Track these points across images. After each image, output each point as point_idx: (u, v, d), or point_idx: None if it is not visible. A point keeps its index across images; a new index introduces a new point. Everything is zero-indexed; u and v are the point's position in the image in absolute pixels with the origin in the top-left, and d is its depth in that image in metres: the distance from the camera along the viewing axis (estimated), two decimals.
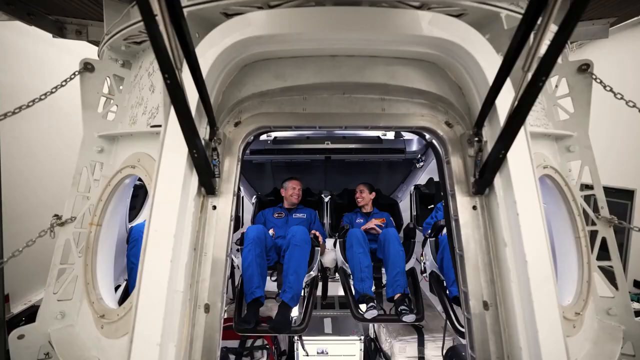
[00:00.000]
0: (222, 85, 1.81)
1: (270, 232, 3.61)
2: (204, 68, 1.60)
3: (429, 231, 3.65)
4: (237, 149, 1.86)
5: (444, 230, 3.47)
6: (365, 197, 4.15)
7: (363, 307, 3.08)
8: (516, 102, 1.36)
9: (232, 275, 3.93)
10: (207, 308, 1.69)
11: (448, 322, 2.87)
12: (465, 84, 1.79)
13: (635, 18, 3.43)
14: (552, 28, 1.08)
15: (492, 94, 1.56)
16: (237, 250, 3.54)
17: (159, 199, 1.55)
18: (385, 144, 4.58)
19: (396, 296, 3.01)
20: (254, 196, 4.77)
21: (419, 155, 4.76)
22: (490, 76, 1.59)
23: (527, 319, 1.48)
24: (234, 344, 3.80)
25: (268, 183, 5.16)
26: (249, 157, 4.58)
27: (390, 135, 4.65)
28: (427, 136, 2.22)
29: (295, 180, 4.14)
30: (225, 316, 4.41)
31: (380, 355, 4.04)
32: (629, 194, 5.94)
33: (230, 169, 1.84)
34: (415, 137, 4.61)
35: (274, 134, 4.51)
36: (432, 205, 4.34)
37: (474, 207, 1.78)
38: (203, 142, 1.65)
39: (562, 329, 1.42)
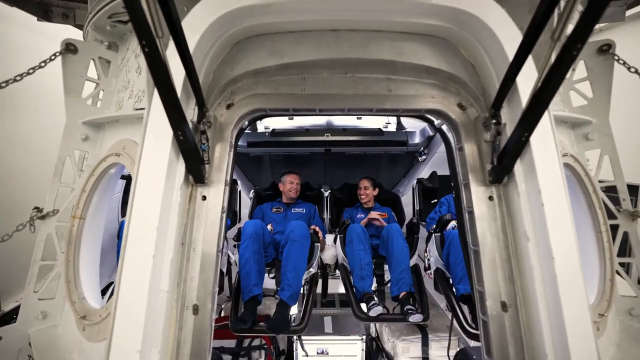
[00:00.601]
0: (213, 63, 1.64)
1: (269, 227, 3.46)
2: (191, 42, 1.43)
3: (434, 226, 3.50)
4: (229, 134, 1.69)
5: (449, 225, 3.33)
6: (369, 194, 4.01)
7: (364, 306, 2.93)
8: (542, 78, 1.19)
9: (228, 272, 3.79)
10: (195, 309, 1.53)
11: (456, 322, 2.71)
12: (481, 62, 1.62)
13: None
14: None
15: (512, 71, 1.40)
16: (234, 246, 3.39)
17: (140, 187, 1.38)
18: (387, 136, 4.42)
19: (401, 295, 2.86)
20: (252, 190, 4.63)
21: (422, 148, 4.61)
22: (510, 51, 1.43)
23: (553, 322, 1.32)
24: (230, 343, 3.67)
25: (266, 177, 5.03)
26: (247, 149, 4.42)
27: (392, 127, 4.50)
28: (436, 122, 2.05)
29: (294, 174, 3.99)
30: (222, 314, 4.31)
31: (382, 355, 3.90)
32: (634, 190, 5.79)
33: (222, 156, 1.67)
34: (417, 129, 4.47)
35: (272, 126, 4.37)
36: (436, 200, 4.20)
37: (490, 198, 1.62)
38: (191, 124, 1.49)
39: (593, 334, 1.26)
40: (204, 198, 1.62)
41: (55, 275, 2.12)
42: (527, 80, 1.41)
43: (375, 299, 2.90)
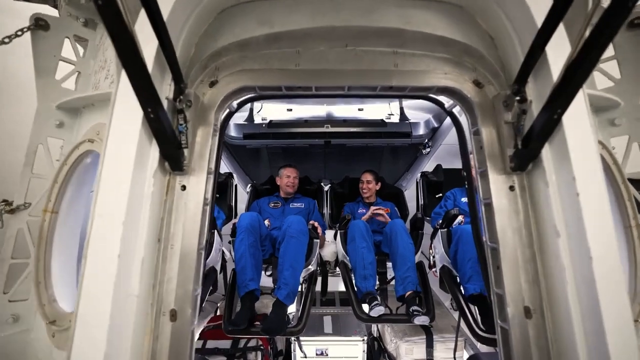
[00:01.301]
0: (193, 34, 1.43)
1: (266, 222, 3.27)
2: (165, 8, 1.23)
3: (440, 221, 3.29)
4: (213, 117, 1.49)
5: (456, 220, 3.13)
6: (371, 188, 3.83)
7: (366, 306, 2.75)
8: (581, 43, 0.98)
9: (223, 269, 3.61)
10: (173, 315, 1.33)
11: (465, 324, 2.52)
12: (501, 31, 1.40)
13: None
14: None
15: (540, 39, 1.19)
16: (229, 242, 3.21)
17: (105, 174, 1.18)
18: (390, 127, 4.21)
19: (407, 294, 2.67)
20: (249, 185, 4.44)
21: (426, 140, 4.40)
22: (539, 16, 1.22)
23: (588, 332, 1.12)
24: (225, 344, 3.51)
25: (264, 170, 4.84)
26: (243, 141, 4.22)
27: (395, 118, 4.30)
28: (447, 104, 1.85)
29: (291, 168, 3.80)
30: (218, 313, 4.13)
31: (384, 356, 3.74)
32: None
33: (204, 141, 1.47)
34: (422, 120, 4.27)
35: (269, 117, 4.17)
36: (441, 194, 4.01)
37: (512, 188, 1.41)
38: (165, 102, 1.29)
39: (637, 345, 1.07)
40: (184, 188, 1.41)
41: (28, 275, 1.93)
42: (559, 49, 1.21)
43: (378, 298, 2.72)
